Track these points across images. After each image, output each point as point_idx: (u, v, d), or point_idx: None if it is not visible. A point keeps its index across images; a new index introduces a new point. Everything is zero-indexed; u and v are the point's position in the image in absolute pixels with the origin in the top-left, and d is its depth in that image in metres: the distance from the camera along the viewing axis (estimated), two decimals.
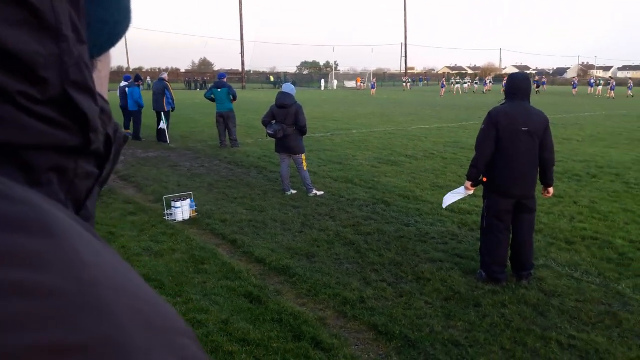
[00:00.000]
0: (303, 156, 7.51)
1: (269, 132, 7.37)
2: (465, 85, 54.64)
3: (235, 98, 12.18)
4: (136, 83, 13.81)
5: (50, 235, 0.28)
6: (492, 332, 3.60)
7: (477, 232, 5.69)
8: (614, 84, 41.42)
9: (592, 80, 48.33)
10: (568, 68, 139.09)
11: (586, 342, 3.47)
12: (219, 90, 12.08)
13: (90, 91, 0.35)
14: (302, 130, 7.42)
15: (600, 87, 46.24)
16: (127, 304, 0.28)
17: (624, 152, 11.58)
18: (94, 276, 0.27)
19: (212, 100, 12.23)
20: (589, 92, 44.57)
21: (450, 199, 4.84)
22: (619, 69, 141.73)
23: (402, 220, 6.23)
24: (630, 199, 7.27)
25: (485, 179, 4.41)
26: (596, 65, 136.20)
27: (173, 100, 13.35)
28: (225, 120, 12.13)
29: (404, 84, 61.53)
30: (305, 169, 7.50)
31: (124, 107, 13.78)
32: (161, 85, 13.14)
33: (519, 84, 4.33)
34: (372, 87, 49.57)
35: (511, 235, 4.51)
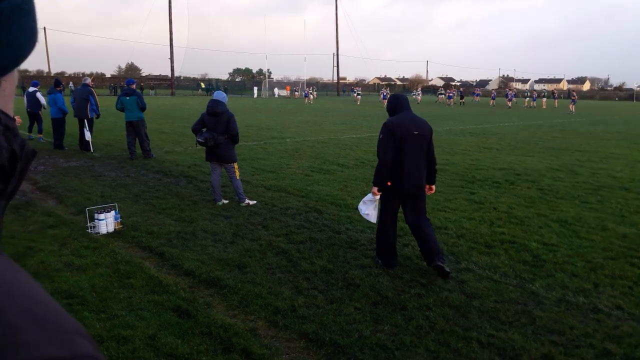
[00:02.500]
0: (235, 165, 7.44)
1: (199, 140, 7.24)
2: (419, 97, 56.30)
3: (144, 109, 11.57)
4: (57, 89, 13.11)
5: None
6: (418, 334, 3.74)
7: (404, 238, 5.90)
8: (512, 95, 47.77)
9: (509, 92, 51.98)
10: (490, 80, 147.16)
11: (504, 340, 3.68)
12: (128, 98, 11.45)
13: None
14: (234, 139, 7.35)
15: (526, 99, 50.94)
16: (18, 305, 0.30)
17: (539, 160, 12.42)
18: None
19: (123, 110, 11.59)
20: (508, 104, 47.58)
21: (365, 209, 5.16)
22: (536, 82, 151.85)
23: (334, 227, 6.32)
24: (544, 204, 7.80)
25: (389, 184, 4.92)
26: (515, 78, 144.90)
27: (98, 107, 12.79)
28: (135, 130, 11.49)
29: (356, 95, 50.59)
30: (237, 177, 7.43)
31: (30, 113, 13.88)
32: (85, 91, 12.54)
33: (400, 101, 5.06)
34: (306, 96, 49.93)
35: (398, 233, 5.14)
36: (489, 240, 5.93)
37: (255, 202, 7.51)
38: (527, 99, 51.93)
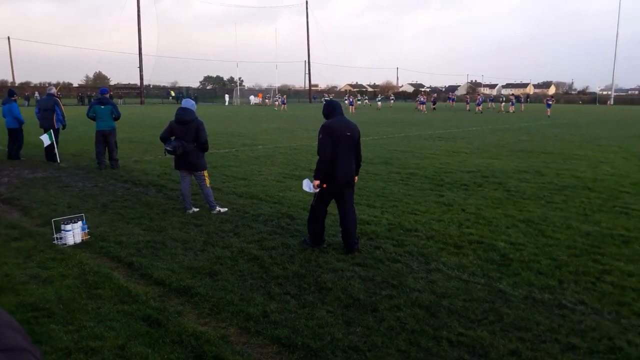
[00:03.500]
0: (205, 172, 7.39)
1: (168, 148, 7.17)
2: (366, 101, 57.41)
3: (117, 118, 11.50)
4: (12, 98, 12.80)
5: None
6: (389, 335, 3.78)
7: (375, 241, 5.96)
8: (480, 100, 49.72)
9: (482, 98, 52.68)
10: (459, 85, 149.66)
11: (472, 338, 3.75)
12: (102, 107, 11.28)
13: None
14: (203, 147, 7.31)
15: (502, 104, 51.88)
16: None
17: (506, 163, 12.71)
18: None
19: (94, 119, 11.38)
20: (478, 109, 47.68)
21: (306, 186, 5.86)
22: (503, 87, 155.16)
23: (306, 233, 6.32)
24: (511, 205, 7.98)
25: (325, 185, 5.63)
26: (483, 83, 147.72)
27: (64, 117, 12.54)
28: (106, 139, 11.32)
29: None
30: (208, 185, 7.38)
31: None
32: (51, 101, 12.28)
33: (335, 107, 5.80)
34: (283, 103, 49.77)
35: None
36: (458, 241, 6.04)
37: (226, 209, 7.46)
38: (504, 104, 51.93)
